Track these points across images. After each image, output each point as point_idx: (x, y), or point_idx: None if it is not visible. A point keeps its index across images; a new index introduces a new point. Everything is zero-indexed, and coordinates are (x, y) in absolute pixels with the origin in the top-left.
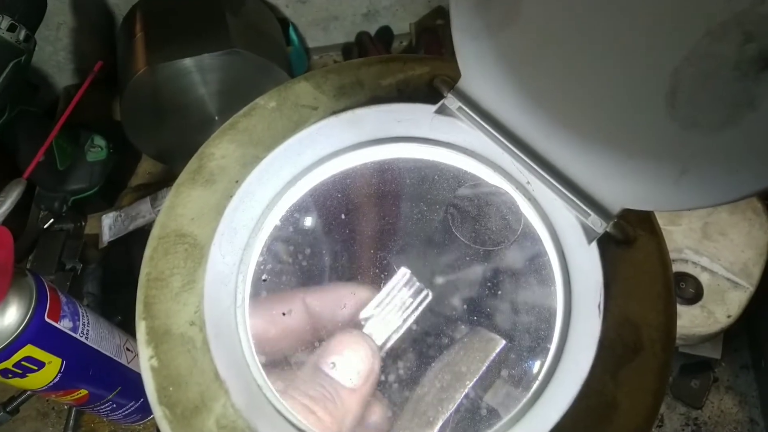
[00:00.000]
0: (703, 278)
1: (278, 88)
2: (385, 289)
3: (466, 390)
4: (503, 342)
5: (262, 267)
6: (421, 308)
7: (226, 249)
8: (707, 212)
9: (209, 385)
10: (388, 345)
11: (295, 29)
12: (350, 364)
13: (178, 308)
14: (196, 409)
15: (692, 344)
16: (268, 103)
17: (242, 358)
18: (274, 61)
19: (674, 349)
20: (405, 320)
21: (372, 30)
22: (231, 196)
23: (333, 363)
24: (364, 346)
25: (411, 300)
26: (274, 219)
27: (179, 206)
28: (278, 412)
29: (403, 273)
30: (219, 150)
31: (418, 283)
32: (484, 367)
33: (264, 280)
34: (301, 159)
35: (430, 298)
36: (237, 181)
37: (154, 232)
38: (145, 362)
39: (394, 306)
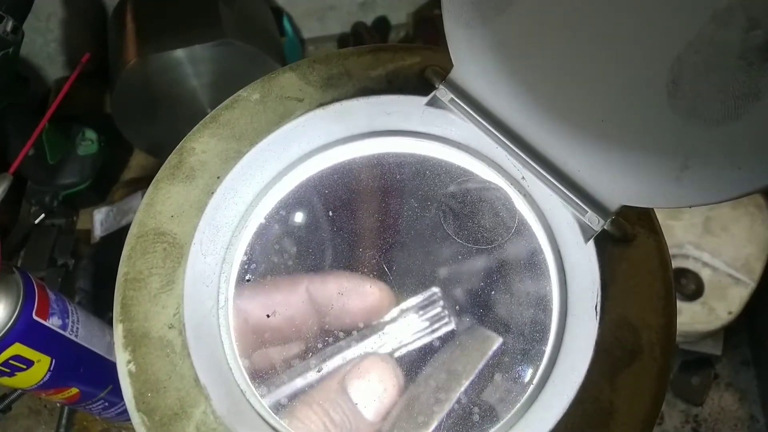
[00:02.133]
0: (704, 274)
1: (262, 79)
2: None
3: (462, 389)
4: (500, 340)
5: (246, 267)
6: (439, 333)
7: (207, 248)
8: (709, 207)
9: (189, 390)
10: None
11: (290, 19)
12: (377, 397)
13: (157, 310)
14: (175, 416)
15: (693, 341)
16: (252, 94)
17: (224, 363)
18: (268, 52)
19: (674, 351)
20: (418, 340)
21: (368, 20)
22: (212, 193)
23: (360, 390)
24: (394, 381)
25: (424, 317)
26: (259, 217)
27: (158, 203)
28: (262, 418)
29: (431, 293)
30: (199, 144)
31: (444, 310)
32: (480, 366)
33: (248, 281)
34: (286, 154)
35: (452, 326)
36: (219, 177)
37: (132, 230)
38: (122, 367)
39: (406, 323)
